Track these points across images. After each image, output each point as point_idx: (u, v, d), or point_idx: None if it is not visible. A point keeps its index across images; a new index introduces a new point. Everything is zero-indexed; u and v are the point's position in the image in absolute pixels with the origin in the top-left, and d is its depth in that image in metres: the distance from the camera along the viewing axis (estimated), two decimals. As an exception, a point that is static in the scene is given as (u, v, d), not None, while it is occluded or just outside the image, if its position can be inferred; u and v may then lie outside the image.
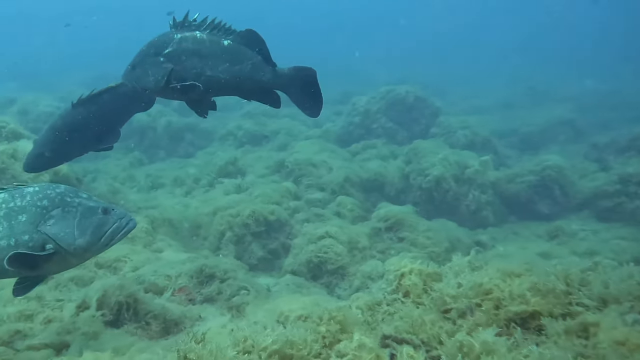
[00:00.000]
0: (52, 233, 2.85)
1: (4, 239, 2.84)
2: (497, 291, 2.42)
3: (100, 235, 2.93)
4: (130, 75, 4.02)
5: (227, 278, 4.86)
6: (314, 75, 4.28)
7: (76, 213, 2.92)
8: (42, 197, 2.92)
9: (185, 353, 2.16)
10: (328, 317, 2.38)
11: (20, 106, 13.57)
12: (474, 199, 8.75)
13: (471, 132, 11.61)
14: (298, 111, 13.99)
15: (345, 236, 6.86)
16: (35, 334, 3.27)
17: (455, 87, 20.98)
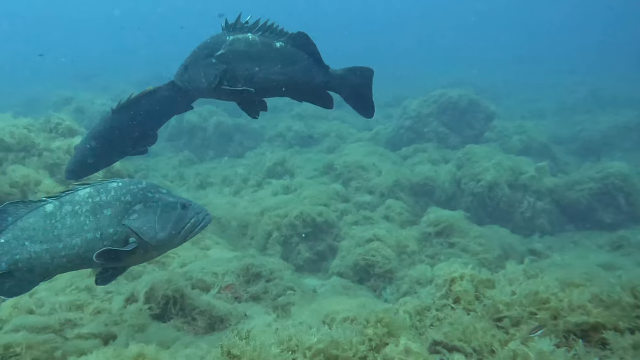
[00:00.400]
0: (135, 227, 2.99)
1: (91, 231, 2.97)
2: (555, 301, 2.28)
3: (180, 229, 3.07)
4: (183, 76, 4.05)
5: (273, 278, 4.83)
6: (368, 75, 4.21)
7: (157, 208, 3.06)
8: (126, 193, 3.05)
9: (229, 348, 2.13)
10: (375, 319, 2.30)
11: (76, 105, 14.06)
12: (529, 206, 8.44)
13: (527, 137, 11.23)
14: (348, 114, 14.02)
15: (394, 240, 6.74)
16: (84, 324, 3.32)
17: (511, 91, 20.44)
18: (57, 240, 2.96)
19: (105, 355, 2.53)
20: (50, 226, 2.97)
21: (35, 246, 2.96)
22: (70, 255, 2.98)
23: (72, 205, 3.01)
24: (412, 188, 9.20)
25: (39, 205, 3.03)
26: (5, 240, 2.96)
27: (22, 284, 2.99)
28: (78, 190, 3.05)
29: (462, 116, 12.20)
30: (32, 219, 2.99)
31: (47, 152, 6.75)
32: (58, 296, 3.69)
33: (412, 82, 21.57)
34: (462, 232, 6.93)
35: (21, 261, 2.96)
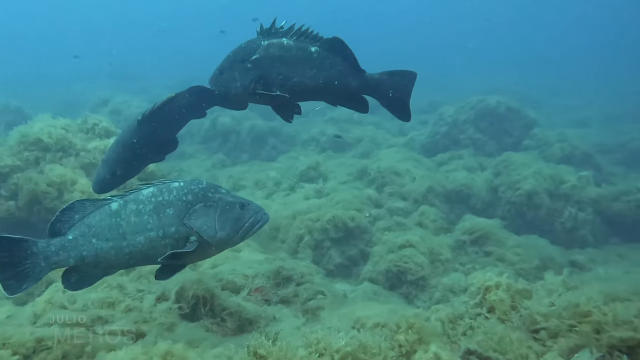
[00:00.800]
0: (196, 226, 3.07)
1: (154, 230, 3.06)
2: (598, 314, 2.16)
3: (238, 229, 3.13)
4: (218, 80, 4.05)
5: (304, 282, 4.79)
6: (410, 78, 4.12)
7: (217, 208, 3.12)
8: (187, 192, 3.13)
9: (256, 349, 2.10)
10: (406, 325, 2.22)
11: (113, 106, 14.35)
12: (570, 216, 8.16)
13: (569, 146, 10.90)
14: (383, 119, 13.91)
15: (427, 247, 6.63)
16: (115, 321, 3.34)
17: (553, 98, 19.95)
18: (122, 238, 3.07)
19: (133, 352, 2.53)
20: (115, 224, 3.08)
21: (102, 243, 3.07)
22: (134, 252, 3.08)
23: (136, 204, 3.10)
24: (447, 195, 9.04)
25: (104, 204, 3.13)
26: (73, 237, 3.08)
27: (86, 279, 3.13)
28: (142, 189, 3.14)
29: (499, 123, 11.96)
30: (98, 216, 3.10)
31: (83, 152, 6.87)
32: (90, 293, 3.72)
33: (446, 87, 21.28)
34: (499, 241, 6.77)
35: (88, 257, 3.08)
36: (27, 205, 6.21)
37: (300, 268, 5.05)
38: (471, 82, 21.26)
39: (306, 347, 2.06)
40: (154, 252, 3.05)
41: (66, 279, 3.12)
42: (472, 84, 20.55)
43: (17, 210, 6.29)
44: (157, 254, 3.06)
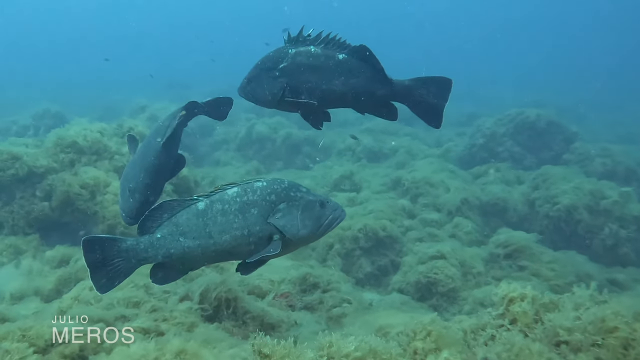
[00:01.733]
0: (280, 225, 3.18)
1: (239, 229, 3.17)
2: (626, 330, 2.06)
3: (319, 226, 3.24)
4: (246, 89, 4.07)
5: (330, 289, 4.77)
6: (446, 86, 4.05)
7: (299, 206, 3.23)
8: (270, 192, 3.24)
9: (260, 347, 2.08)
10: (424, 332, 2.17)
11: (150, 113, 14.63)
12: (611, 233, 7.85)
13: (612, 161, 10.55)
14: (419, 129, 13.76)
15: (459, 259, 6.50)
16: (136, 319, 3.38)
17: (598, 113, 19.39)
18: (209, 237, 3.19)
19: (146, 348, 2.55)
20: (202, 224, 3.19)
21: (189, 241, 3.20)
22: (219, 250, 3.20)
23: (222, 204, 3.21)
24: (482, 207, 8.88)
25: (191, 203, 3.25)
26: (162, 235, 3.22)
27: (172, 274, 3.29)
28: (226, 189, 3.25)
29: (539, 137, 11.70)
30: (185, 216, 3.23)
31: (118, 155, 7.02)
32: (117, 292, 3.77)
33: (487, 100, 20.95)
34: (534, 256, 6.60)
35: (175, 255, 3.21)
36: (60, 206, 6.40)
37: (328, 275, 5.03)
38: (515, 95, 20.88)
39: (318, 350, 2.04)
40: (239, 250, 3.19)
41: (154, 274, 3.27)
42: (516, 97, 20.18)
43: (50, 211, 6.48)
44: (242, 251, 3.19)
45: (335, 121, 15.38)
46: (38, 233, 6.41)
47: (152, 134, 4.25)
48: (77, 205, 6.33)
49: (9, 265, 5.49)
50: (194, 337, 3.01)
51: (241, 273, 3.29)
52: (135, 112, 14.94)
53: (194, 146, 14.25)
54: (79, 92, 21.61)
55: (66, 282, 4.73)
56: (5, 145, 6.80)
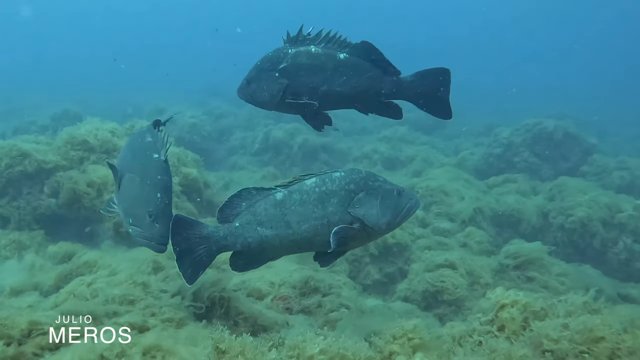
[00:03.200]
0: (360, 214, 3.18)
1: (319, 219, 3.19)
2: (612, 341, 2.00)
3: (397, 215, 3.23)
4: (246, 90, 3.99)
5: (330, 293, 4.73)
6: (444, 76, 3.92)
7: (377, 195, 3.23)
8: (349, 182, 3.24)
9: (217, 342, 2.05)
10: (405, 337, 2.13)
11: (169, 115, 14.73)
12: (626, 247, 7.69)
13: (630, 175, 10.34)
14: (437, 139, 13.69)
15: (467, 268, 6.41)
16: (124, 315, 3.37)
17: (621, 127, 19.03)
18: (287, 227, 3.21)
19: (114, 341, 2.53)
20: (280, 213, 3.22)
21: (267, 231, 3.23)
22: (298, 240, 3.22)
23: (300, 194, 3.22)
24: (496, 218, 8.75)
25: (270, 193, 3.28)
26: (240, 224, 3.26)
27: (252, 263, 3.33)
28: (305, 180, 3.26)
29: (556, 147, 11.53)
30: (263, 205, 3.26)
31: (128, 155, 7.08)
32: (114, 289, 3.78)
33: (511, 112, 20.68)
34: (544, 267, 6.46)
35: (253, 244, 3.26)
36: (66, 203, 6.45)
37: (330, 280, 4.99)
38: (538, 108, 20.60)
39: (288, 350, 2.01)
40: (318, 240, 3.18)
41: (233, 262, 3.33)
42: (539, 109, 19.91)
43: (57, 207, 6.54)
44: (321, 241, 3.18)
45: (353, 129, 15.54)
46: (43, 229, 6.47)
47: (135, 153, 3.82)
48: (83, 202, 6.38)
49: (12, 260, 5.55)
50: (177, 334, 3.00)
51: (320, 264, 3.33)
52: (153, 114, 15.07)
53: (211, 150, 14.37)
54: (102, 95, 21.89)
55: (66, 278, 4.74)
56: (15, 142, 6.87)
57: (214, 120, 16.56)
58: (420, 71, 3.92)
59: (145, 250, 5.08)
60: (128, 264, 4.51)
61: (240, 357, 1.98)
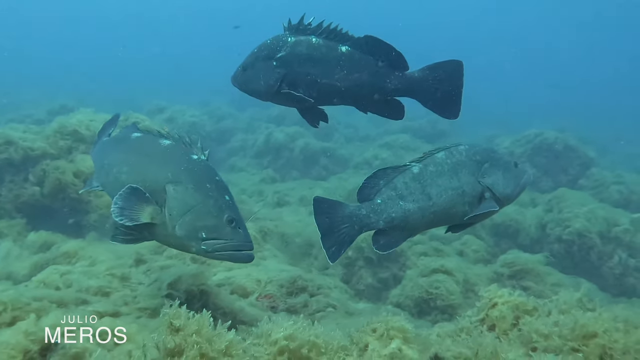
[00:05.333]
0: (489, 183, 3.30)
1: (455, 189, 3.29)
2: (605, 338, 1.90)
3: (517, 185, 3.36)
4: (240, 77, 3.83)
5: (318, 293, 4.62)
6: (456, 69, 3.72)
7: (500, 166, 3.35)
8: (475, 153, 3.36)
9: (172, 318, 1.93)
10: (384, 330, 2.03)
11: (169, 114, 14.68)
12: (620, 262, 7.62)
13: (627, 190, 10.30)
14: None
15: (462, 275, 6.31)
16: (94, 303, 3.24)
17: (618, 145, 18.93)
18: (428, 199, 3.27)
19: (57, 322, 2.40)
20: (420, 186, 3.28)
21: (409, 204, 3.27)
22: (437, 212, 3.28)
23: (435, 167, 3.31)
24: (495, 227, 8.66)
25: (406, 169, 3.35)
26: (382, 200, 3.29)
27: (393, 240, 3.34)
28: (434, 153, 3.36)
29: (556, 159, 11.46)
30: (402, 179, 3.31)
31: (120, 146, 6.96)
32: (90, 280, 3.66)
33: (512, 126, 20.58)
34: (539, 277, 6.41)
35: (396, 219, 3.28)
36: (51, 192, 6.35)
37: (319, 280, 4.88)
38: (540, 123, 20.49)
39: (254, 338, 1.92)
40: (454, 211, 3.27)
41: (375, 241, 3.35)
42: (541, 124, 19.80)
43: (41, 196, 6.41)
44: (457, 212, 3.27)
45: (356, 136, 15.42)
46: (25, 218, 6.34)
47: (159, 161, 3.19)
48: (69, 193, 6.26)
49: (-13, 249, 5.38)
50: (147, 323, 2.88)
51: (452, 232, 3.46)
52: (153, 112, 15.05)
53: (210, 151, 14.25)
54: (103, 92, 21.78)
55: (42, 267, 4.56)
56: (2, 129, 6.74)
57: (216, 121, 16.49)
58: (431, 65, 3.73)
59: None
60: (109, 256, 4.38)
61: (196, 335, 1.86)
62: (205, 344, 1.86)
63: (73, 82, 24.59)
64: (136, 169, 3.11)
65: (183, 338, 1.86)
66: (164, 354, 1.85)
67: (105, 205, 6.08)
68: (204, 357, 1.82)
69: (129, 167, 3.15)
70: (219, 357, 1.83)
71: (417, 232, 3.45)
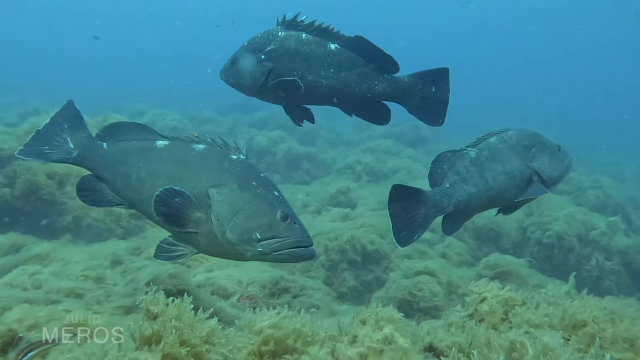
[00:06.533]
0: (537, 167, 3.43)
1: (509, 172, 3.42)
2: (594, 327, 1.87)
3: (562, 169, 3.53)
4: (229, 71, 3.78)
5: (301, 294, 4.55)
6: (442, 77, 3.74)
7: (546, 150, 3.47)
8: (523, 138, 3.49)
9: (149, 305, 1.83)
10: (374, 321, 1.97)
11: (149, 117, 14.52)
12: (597, 264, 7.72)
13: (603, 194, 10.47)
14: (420, 153, 13.62)
15: (446, 277, 6.29)
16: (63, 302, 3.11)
17: (594, 153, 19.20)
18: (485, 182, 3.39)
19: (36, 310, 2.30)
20: (478, 170, 3.40)
21: (470, 188, 3.40)
22: (493, 195, 3.42)
23: (489, 151, 3.43)
24: (477, 231, 8.69)
25: (463, 153, 3.46)
26: (450, 185, 3.41)
27: (456, 224, 3.53)
28: (487, 139, 3.49)
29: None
30: (462, 164, 3.43)
31: (97, 147, 6.74)
32: (61, 281, 3.52)
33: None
34: (520, 279, 6.46)
35: (462, 202, 3.40)
36: (22, 194, 6.15)
37: (302, 281, 4.81)
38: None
39: (237, 330, 1.85)
40: (507, 194, 3.42)
41: (444, 226, 3.52)
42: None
43: (11, 197, 6.20)
44: (509, 195, 3.41)
45: (339, 141, 15.40)
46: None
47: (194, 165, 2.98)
48: (41, 194, 6.09)
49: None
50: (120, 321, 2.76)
51: (503, 214, 3.58)
52: (132, 116, 14.86)
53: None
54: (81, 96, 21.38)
55: (10, 270, 4.40)
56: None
57: (197, 125, 16.38)
58: (420, 72, 3.75)
59: (104, 245, 4.87)
60: (84, 257, 4.23)
61: (175, 321, 1.76)
62: (186, 329, 1.75)
63: (48, 86, 24.15)
64: (173, 179, 2.86)
65: (162, 324, 1.75)
66: (141, 342, 1.75)
67: (80, 206, 5.92)
68: (184, 344, 1.72)
69: (165, 179, 2.88)
70: (200, 344, 1.73)
71: (473, 215, 3.58)
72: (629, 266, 7.90)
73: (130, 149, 3.21)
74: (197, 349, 1.75)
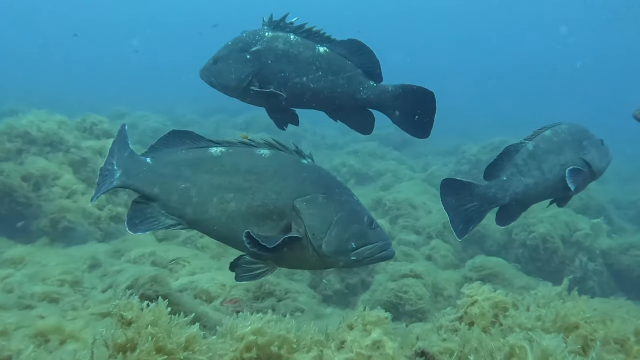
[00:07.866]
0: (589, 159, 3.55)
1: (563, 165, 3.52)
2: (587, 329, 1.82)
3: (607, 161, 3.67)
4: (210, 70, 3.62)
5: (286, 298, 4.47)
6: (429, 99, 3.68)
7: (594, 143, 3.61)
8: (575, 131, 3.61)
9: (122, 310, 1.73)
10: (361, 325, 1.89)
11: (130, 119, 14.32)
12: (581, 265, 7.75)
13: (586, 196, 10.48)
14: (405, 156, 13.62)
15: (432, 279, 6.25)
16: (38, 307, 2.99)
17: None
18: (542, 174, 3.50)
19: None
20: (536, 163, 3.52)
21: (527, 179, 3.51)
22: (548, 186, 3.55)
23: (545, 144, 3.56)
24: (462, 233, 8.64)
25: (522, 146, 3.58)
26: (507, 178, 3.52)
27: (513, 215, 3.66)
28: (542, 132, 3.61)
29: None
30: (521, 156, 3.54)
31: (75, 149, 6.63)
32: (36, 286, 3.38)
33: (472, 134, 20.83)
34: (506, 280, 6.46)
35: (519, 194, 3.53)
36: None
37: (287, 284, 4.73)
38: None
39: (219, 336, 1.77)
40: (560, 185, 3.51)
41: (498, 216, 3.62)
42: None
43: None
44: (562, 186, 3.51)
45: (323, 144, 15.35)
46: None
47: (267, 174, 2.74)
48: (15, 197, 5.91)
49: None
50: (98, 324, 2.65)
51: (558, 205, 3.74)
52: (113, 118, 14.62)
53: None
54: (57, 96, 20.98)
55: None
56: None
57: (181, 127, 16.13)
58: (407, 85, 3.68)
59: (83, 247, 4.74)
60: (61, 261, 4.09)
61: (151, 327, 1.66)
62: (162, 335, 1.65)
63: (24, 88, 23.71)
64: (247, 192, 2.62)
65: (136, 331, 1.65)
66: (114, 350, 1.65)
67: (57, 209, 5.76)
68: (160, 351, 1.63)
69: (236, 192, 2.63)
70: (178, 351, 1.64)
71: (530, 206, 3.70)
72: (611, 267, 7.96)
73: (180, 160, 2.87)
74: (175, 356, 1.65)
